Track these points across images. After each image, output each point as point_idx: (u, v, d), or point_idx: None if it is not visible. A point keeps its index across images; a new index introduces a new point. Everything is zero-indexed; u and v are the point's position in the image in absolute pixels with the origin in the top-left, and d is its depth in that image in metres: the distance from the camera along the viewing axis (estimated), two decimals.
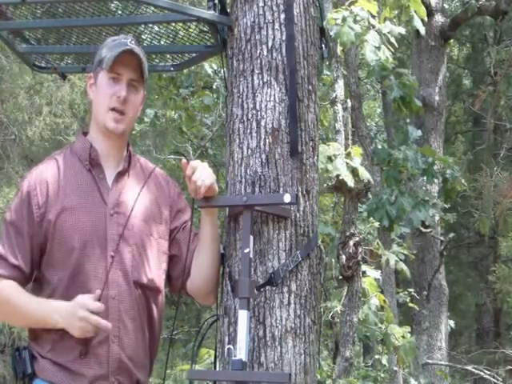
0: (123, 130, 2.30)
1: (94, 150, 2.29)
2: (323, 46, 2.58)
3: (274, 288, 2.21)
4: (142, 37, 2.92)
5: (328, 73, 6.52)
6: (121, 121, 2.28)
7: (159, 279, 2.32)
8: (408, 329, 6.06)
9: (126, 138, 2.37)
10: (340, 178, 5.18)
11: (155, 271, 2.31)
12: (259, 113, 2.32)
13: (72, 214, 2.21)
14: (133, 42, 2.31)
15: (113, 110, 2.26)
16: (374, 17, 4.75)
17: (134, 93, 2.30)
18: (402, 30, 4.94)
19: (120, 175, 2.32)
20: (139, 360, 2.26)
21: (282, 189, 2.27)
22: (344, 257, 5.54)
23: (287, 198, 2.17)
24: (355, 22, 4.61)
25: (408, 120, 8.64)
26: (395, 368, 6.37)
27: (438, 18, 8.57)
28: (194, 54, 2.91)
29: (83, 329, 2.11)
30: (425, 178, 6.05)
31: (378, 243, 6.17)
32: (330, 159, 5.16)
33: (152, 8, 2.63)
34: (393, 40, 4.84)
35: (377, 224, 6.09)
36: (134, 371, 2.24)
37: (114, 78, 2.27)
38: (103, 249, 2.21)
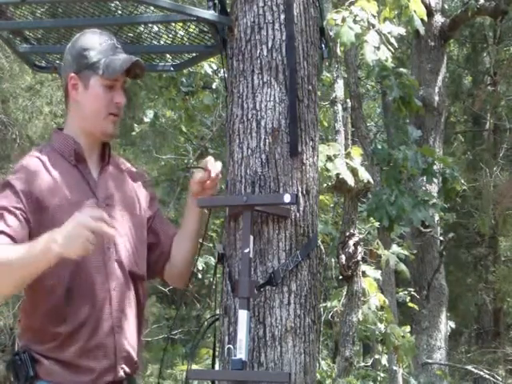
0: (117, 131, 2.34)
1: (77, 145, 2.29)
2: (323, 46, 2.58)
3: (274, 288, 2.21)
4: (142, 37, 2.92)
5: (328, 74, 6.52)
6: (116, 122, 2.31)
7: (144, 267, 2.37)
8: (408, 328, 6.07)
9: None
10: (340, 177, 5.18)
11: (142, 260, 2.36)
12: (259, 113, 2.32)
13: (67, 211, 2.17)
14: (114, 37, 2.33)
15: (111, 114, 2.28)
16: (374, 17, 4.75)
17: (123, 92, 2.33)
18: (402, 31, 4.94)
19: (103, 168, 2.34)
20: (137, 347, 2.30)
21: (282, 189, 2.27)
22: (344, 257, 5.55)
23: (287, 198, 2.17)
24: (355, 22, 4.61)
25: (408, 120, 8.64)
26: (395, 368, 6.37)
27: (438, 18, 8.56)
28: (194, 54, 2.91)
29: (86, 238, 1.98)
30: (425, 178, 6.05)
31: (377, 243, 6.17)
32: (330, 159, 5.17)
33: (152, 8, 2.63)
34: (393, 40, 4.84)
35: (377, 224, 6.10)
36: (135, 358, 2.28)
37: (110, 85, 2.27)
38: (99, 242, 2.19)
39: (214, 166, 2.34)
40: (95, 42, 2.30)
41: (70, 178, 2.26)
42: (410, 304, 7.75)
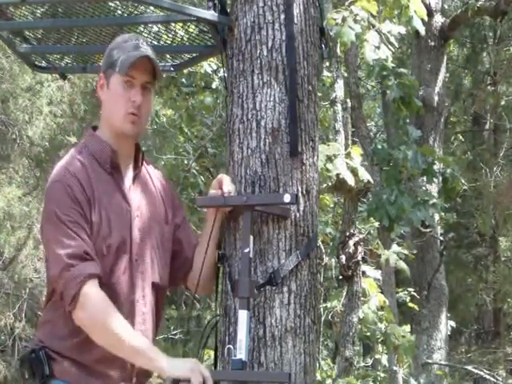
0: (137, 131, 2.30)
1: (114, 153, 2.28)
2: (323, 46, 2.58)
3: (273, 288, 2.21)
4: (142, 36, 2.92)
5: (328, 73, 6.52)
6: (136, 122, 2.27)
7: (167, 278, 2.37)
8: (408, 328, 6.06)
9: (137, 138, 2.38)
10: (340, 177, 5.18)
11: (165, 271, 2.35)
12: (259, 113, 2.33)
13: (106, 219, 2.20)
14: (144, 43, 2.31)
15: (130, 113, 2.26)
16: (374, 17, 4.75)
17: (147, 94, 2.30)
18: (402, 29, 4.94)
19: (135, 176, 2.33)
20: None
21: (281, 189, 2.27)
22: (344, 257, 5.54)
23: (287, 198, 2.18)
24: (355, 21, 4.61)
25: (408, 120, 8.63)
26: (395, 368, 6.36)
27: (438, 18, 8.55)
28: (194, 54, 2.92)
29: (194, 370, 2.05)
30: (425, 178, 6.05)
31: (377, 243, 6.17)
32: (330, 159, 5.16)
33: (152, 8, 2.63)
34: (393, 39, 4.84)
35: (377, 224, 6.09)
36: (153, 374, 2.28)
37: (127, 81, 2.25)
38: (129, 252, 2.23)
39: (227, 186, 2.28)
40: (120, 41, 2.30)
41: (107, 187, 2.25)
42: (410, 304, 7.74)
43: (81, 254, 2.11)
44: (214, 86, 7.10)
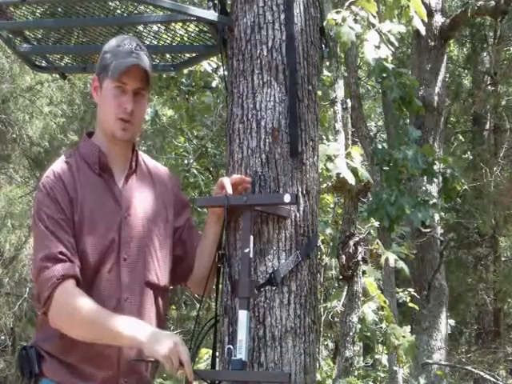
0: (130, 137, 2.31)
1: (102, 154, 2.28)
2: (323, 46, 2.58)
3: (274, 288, 2.21)
4: (142, 36, 2.92)
5: (328, 73, 6.52)
6: (127, 128, 2.28)
7: (167, 279, 2.35)
8: (408, 328, 6.06)
9: (132, 142, 2.38)
10: (341, 176, 5.18)
11: (164, 271, 2.34)
12: (259, 113, 2.33)
13: (91, 219, 2.20)
14: (138, 47, 2.28)
15: (120, 119, 2.26)
16: (374, 16, 4.75)
17: (140, 100, 2.29)
18: (402, 28, 4.94)
19: (129, 176, 2.33)
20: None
21: (282, 189, 2.27)
22: (344, 257, 5.55)
23: (287, 198, 2.18)
24: (355, 21, 4.61)
25: (408, 120, 8.64)
26: (395, 368, 6.37)
27: (438, 18, 8.55)
28: (194, 54, 2.92)
29: (171, 354, 2.04)
30: (425, 178, 6.05)
31: (377, 243, 6.17)
32: (330, 159, 5.16)
33: (152, 8, 2.63)
34: (393, 39, 4.84)
35: (377, 224, 6.10)
36: (144, 373, 2.26)
37: (119, 86, 2.25)
38: (117, 251, 2.22)
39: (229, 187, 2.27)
40: (114, 45, 2.29)
41: (95, 188, 2.25)
42: (410, 304, 7.74)
43: (55, 255, 2.12)
44: (213, 84, 7.09)
